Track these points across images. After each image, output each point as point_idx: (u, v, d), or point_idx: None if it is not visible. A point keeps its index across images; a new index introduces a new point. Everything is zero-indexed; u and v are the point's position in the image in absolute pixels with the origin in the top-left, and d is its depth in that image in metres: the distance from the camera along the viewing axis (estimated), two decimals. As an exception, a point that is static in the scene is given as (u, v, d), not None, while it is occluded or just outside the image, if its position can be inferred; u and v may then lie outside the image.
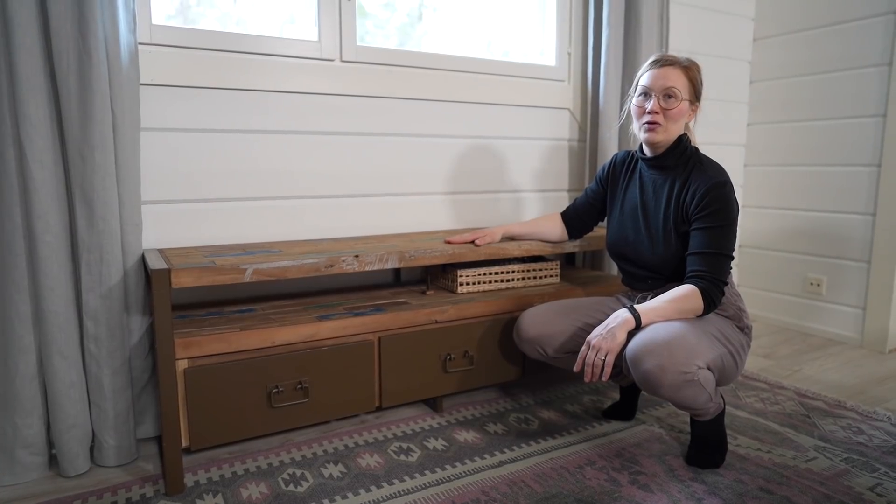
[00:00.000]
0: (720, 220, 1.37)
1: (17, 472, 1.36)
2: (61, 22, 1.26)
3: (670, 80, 1.41)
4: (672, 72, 1.42)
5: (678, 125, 1.44)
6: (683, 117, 1.44)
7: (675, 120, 1.43)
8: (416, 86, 1.98)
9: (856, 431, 1.63)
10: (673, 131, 1.44)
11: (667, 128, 1.43)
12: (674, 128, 1.44)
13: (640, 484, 1.35)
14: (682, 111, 1.43)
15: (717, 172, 1.41)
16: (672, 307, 1.34)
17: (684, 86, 1.42)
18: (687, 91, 1.43)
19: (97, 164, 1.33)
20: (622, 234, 1.58)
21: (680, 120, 1.44)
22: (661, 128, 1.43)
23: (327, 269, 1.46)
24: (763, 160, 2.74)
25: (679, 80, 1.42)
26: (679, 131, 1.46)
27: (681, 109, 1.42)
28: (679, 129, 1.46)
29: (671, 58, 1.44)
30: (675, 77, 1.41)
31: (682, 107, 1.42)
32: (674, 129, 1.44)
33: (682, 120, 1.45)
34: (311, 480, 1.37)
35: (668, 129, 1.43)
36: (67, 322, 1.35)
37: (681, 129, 1.47)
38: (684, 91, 1.42)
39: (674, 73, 1.42)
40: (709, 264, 1.36)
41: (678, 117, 1.43)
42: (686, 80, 1.43)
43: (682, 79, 1.42)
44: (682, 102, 1.42)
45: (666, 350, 1.25)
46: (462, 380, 1.70)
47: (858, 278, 2.42)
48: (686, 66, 1.43)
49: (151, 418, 1.55)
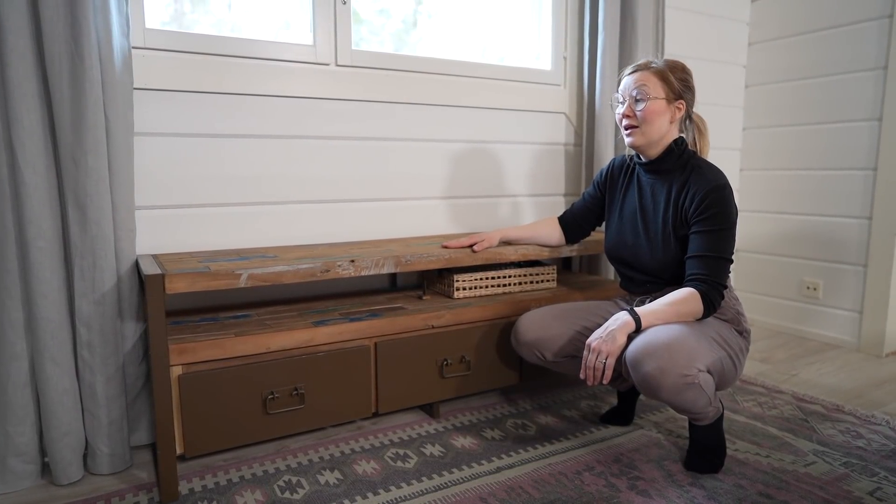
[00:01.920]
0: (719, 224, 1.37)
1: (9, 481, 1.34)
2: (53, 25, 1.25)
3: (639, 82, 1.41)
4: (641, 75, 1.42)
5: (655, 126, 1.42)
6: (659, 117, 1.41)
7: (649, 121, 1.41)
8: (411, 90, 1.97)
9: (854, 435, 1.62)
10: (651, 133, 1.42)
11: (643, 130, 1.42)
12: (650, 129, 1.42)
13: (639, 489, 1.34)
14: (653, 111, 1.40)
15: (716, 176, 1.40)
16: (672, 310, 1.33)
17: (655, 85, 1.40)
18: (660, 90, 1.41)
19: (90, 169, 1.32)
20: (621, 239, 1.57)
21: (655, 120, 1.41)
22: (638, 131, 1.43)
23: (323, 274, 1.45)
24: (759, 164, 2.75)
25: (649, 80, 1.41)
26: (661, 132, 1.43)
27: (652, 109, 1.40)
28: (660, 131, 1.43)
29: (641, 63, 1.44)
30: (644, 79, 1.41)
31: (653, 106, 1.40)
32: (651, 130, 1.42)
33: (659, 120, 1.41)
34: (307, 487, 1.36)
35: (644, 131, 1.42)
36: (60, 328, 1.34)
37: (663, 131, 1.43)
38: (655, 90, 1.40)
39: (643, 76, 1.42)
40: (708, 268, 1.36)
41: (651, 118, 1.41)
42: (657, 80, 1.41)
43: (652, 79, 1.41)
44: (651, 102, 1.40)
45: (666, 352, 1.24)
46: (459, 385, 1.69)
47: (855, 282, 2.42)
48: (657, 68, 1.42)
49: (146, 425, 1.53)
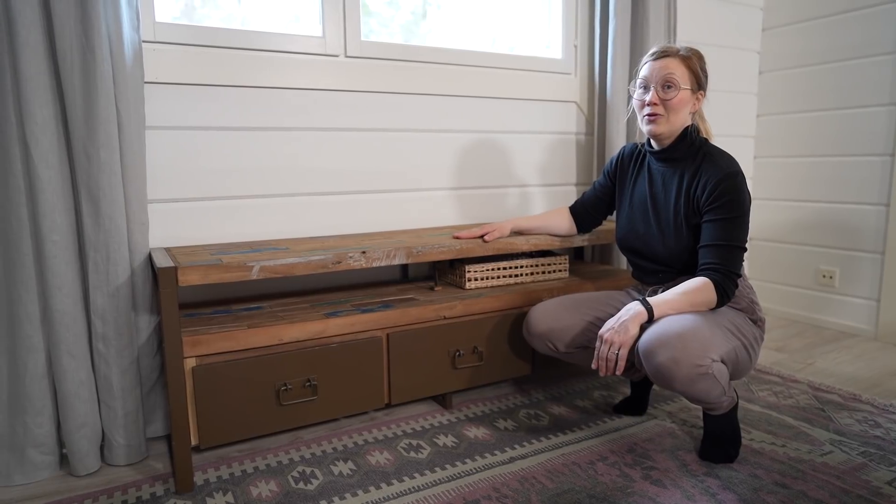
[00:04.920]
0: (732, 212, 1.35)
1: (29, 472, 1.36)
2: (64, 20, 1.26)
3: (668, 70, 1.39)
4: (670, 62, 1.40)
5: (680, 115, 1.42)
6: (685, 107, 1.42)
7: (675, 110, 1.40)
8: (421, 81, 1.96)
9: (872, 425, 1.60)
10: (675, 122, 1.42)
11: (668, 118, 1.41)
12: (676, 118, 1.42)
13: (653, 479, 1.33)
14: (682, 101, 1.40)
15: (728, 163, 1.38)
16: (685, 300, 1.32)
17: (683, 75, 1.40)
18: (687, 80, 1.40)
19: (103, 163, 1.33)
20: (632, 228, 1.56)
21: (682, 110, 1.41)
22: (663, 118, 1.41)
23: (335, 265, 1.45)
24: (773, 151, 2.71)
25: (677, 69, 1.40)
26: (683, 122, 1.44)
27: (681, 99, 1.40)
28: (682, 120, 1.43)
29: (669, 48, 1.42)
30: (673, 67, 1.40)
31: (681, 96, 1.40)
32: (676, 119, 1.42)
33: (685, 110, 1.42)
34: (320, 478, 1.36)
35: (669, 119, 1.41)
36: (75, 321, 1.35)
37: (685, 120, 1.44)
38: (683, 80, 1.40)
39: (672, 63, 1.40)
40: (721, 256, 1.35)
41: (679, 107, 1.40)
42: (685, 69, 1.40)
43: (680, 68, 1.40)
44: (681, 92, 1.40)
45: (679, 342, 1.23)
46: (471, 376, 1.69)
47: (872, 270, 2.38)
48: (685, 56, 1.41)
49: (161, 417, 1.55)
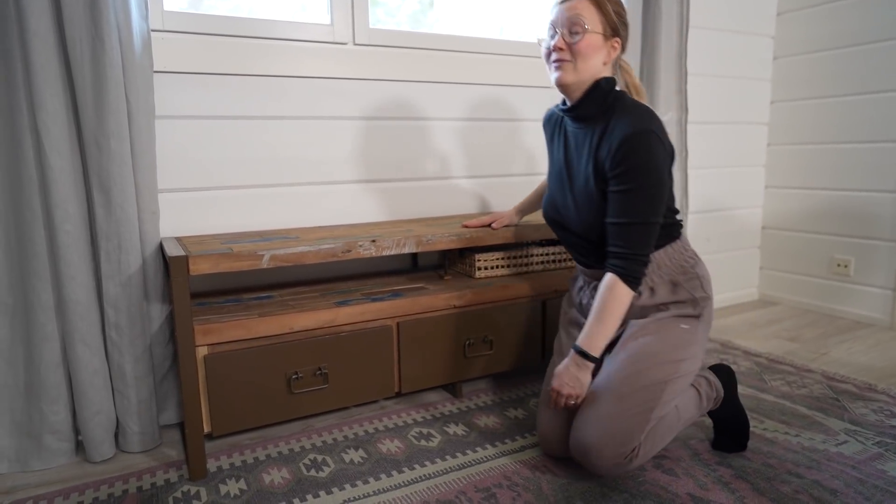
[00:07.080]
0: (635, 180, 1.20)
1: (45, 458, 1.38)
2: (73, 8, 1.26)
3: (575, 11, 1.27)
4: (578, 4, 1.27)
5: (589, 63, 1.28)
6: (596, 54, 1.28)
7: (584, 56, 1.27)
8: (429, 68, 1.95)
9: (888, 415, 1.58)
10: (584, 71, 1.29)
11: (576, 66, 1.28)
12: (584, 66, 1.28)
13: (665, 468, 1.33)
14: (591, 45, 1.27)
15: (640, 119, 1.22)
16: (605, 318, 1.24)
17: (593, 17, 1.27)
18: (599, 23, 1.27)
19: (113, 152, 1.33)
20: (551, 200, 1.44)
21: (592, 57, 1.28)
22: (570, 65, 1.28)
23: (344, 254, 1.45)
24: (787, 139, 2.67)
25: (586, 10, 1.26)
26: (594, 72, 1.30)
27: (589, 43, 1.27)
28: (593, 69, 1.29)
29: None
30: (580, 8, 1.27)
31: (590, 40, 1.27)
32: (585, 68, 1.28)
33: (595, 57, 1.28)
34: (332, 466, 1.37)
35: (577, 67, 1.28)
36: (89, 310, 1.36)
37: (596, 70, 1.30)
38: (594, 23, 1.26)
39: (580, 5, 1.27)
40: (623, 238, 1.23)
41: (588, 53, 1.27)
42: (595, 11, 1.27)
43: (589, 9, 1.27)
44: (590, 35, 1.26)
45: (595, 448, 1.19)
46: (482, 365, 1.69)
47: (887, 258, 2.35)
48: None
49: (174, 405, 1.56)
